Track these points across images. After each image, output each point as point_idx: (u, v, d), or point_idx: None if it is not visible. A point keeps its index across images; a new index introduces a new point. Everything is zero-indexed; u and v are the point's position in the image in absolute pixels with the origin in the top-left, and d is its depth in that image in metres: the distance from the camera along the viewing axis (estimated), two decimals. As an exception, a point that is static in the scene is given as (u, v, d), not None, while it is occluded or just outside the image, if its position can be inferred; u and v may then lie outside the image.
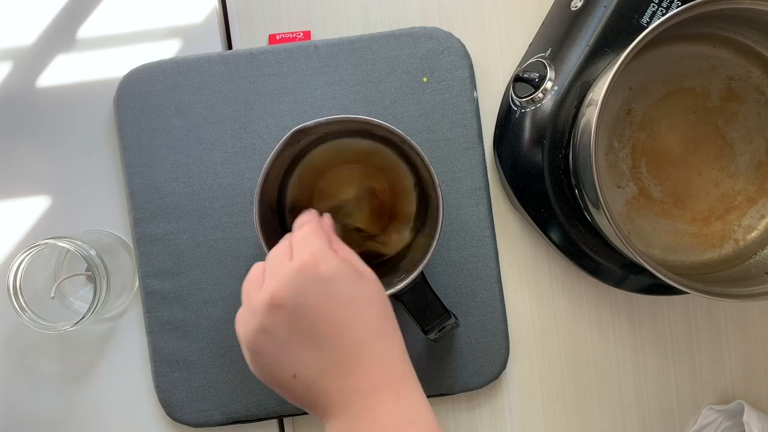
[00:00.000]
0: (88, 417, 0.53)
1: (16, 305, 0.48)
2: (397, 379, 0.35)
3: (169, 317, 0.51)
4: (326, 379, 0.34)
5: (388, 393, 0.34)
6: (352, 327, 0.34)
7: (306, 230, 0.38)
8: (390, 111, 0.52)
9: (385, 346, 0.35)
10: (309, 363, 0.34)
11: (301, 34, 0.53)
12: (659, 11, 0.47)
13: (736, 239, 0.51)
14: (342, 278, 0.35)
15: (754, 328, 0.54)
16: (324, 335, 0.34)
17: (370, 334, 0.35)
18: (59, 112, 0.53)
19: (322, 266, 0.34)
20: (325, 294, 0.34)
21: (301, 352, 0.34)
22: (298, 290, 0.34)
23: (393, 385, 0.34)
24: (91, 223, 0.53)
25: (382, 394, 0.34)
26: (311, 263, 0.34)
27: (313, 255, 0.35)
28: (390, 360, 0.35)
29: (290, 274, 0.34)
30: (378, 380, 0.34)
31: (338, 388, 0.34)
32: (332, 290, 0.34)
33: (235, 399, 0.51)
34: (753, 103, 0.50)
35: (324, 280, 0.34)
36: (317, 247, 0.36)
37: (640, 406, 0.54)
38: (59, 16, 0.53)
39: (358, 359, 0.34)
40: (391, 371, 0.35)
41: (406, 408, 0.34)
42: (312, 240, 0.36)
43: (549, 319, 0.54)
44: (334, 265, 0.35)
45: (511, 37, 0.54)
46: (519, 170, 0.50)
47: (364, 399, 0.33)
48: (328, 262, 0.35)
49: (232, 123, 0.52)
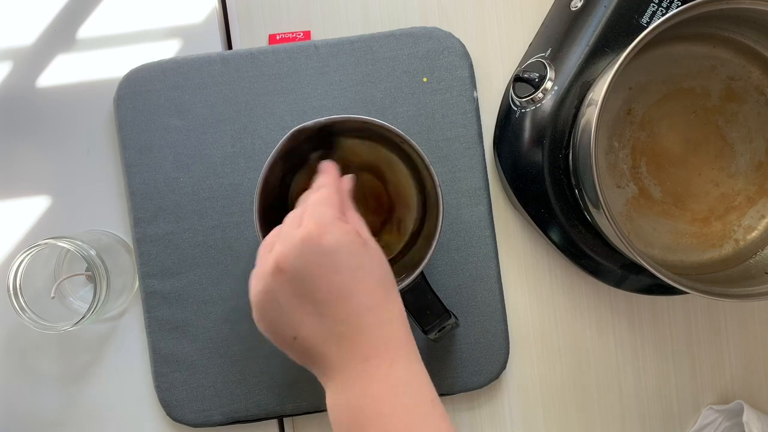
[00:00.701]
0: (88, 417, 0.53)
1: (16, 305, 0.48)
2: (396, 346, 0.36)
3: (169, 317, 0.51)
4: (325, 344, 0.35)
5: (384, 359, 0.35)
6: (352, 296, 0.35)
7: (318, 196, 0.39)
8: (390, 111, 0.52)
9: (384, 316, 0.36)
10: (309, 327, 0.35)
11: (301, 34, 0.53)
12: (659, 11, 0.47)
13: (736, 239, 0.51)
14: (345, 248, 0.36)
15: (754, 328, 0.54)
16: (323, 303, 0.35)
17: (369, 304, 0.36)
18: (59, 112, 0.53)
19: (326, 236, 0.35)
20: (326, 263, 0.35)
21: (301, 317, 0.35)
22: (300, 258, 0.35)
23: (390, 352, 0.35)
24: (91, 223, 0.53)
25: (377, 360, 0.35)
26: (316, 233, 0.35)
27: (318, 224, 0.36)
28: (388, 329, 0.36)
29: (295, 242, 0.35)
30: (375, 348, 0.35)
31: (336, 353, 0.35)
32: (334, 260, 0.35)
33: (235, 399, 0.51)
34: (753, 103, 0.50)
35: (327, 250, 0.35)
36: (325, 216, 0.36)
37: (640, 407, 0.54)
38: (59, 16, 0.53)
39: (356, 327, 0.35)
40: (389, 340, 0.36)
41: (400, 372, 0.35)
42: (321, 208, 0.37)
43: (549, 319, 0.54)
44: (339, 236, 0.36)
45: (511, 37, 0.54)
46: (519, 170, 0.50)
47: (360, 364, 0.35)
48: (333, 232, 0.36)
49: (232, 123, 0.52)
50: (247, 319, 0.37)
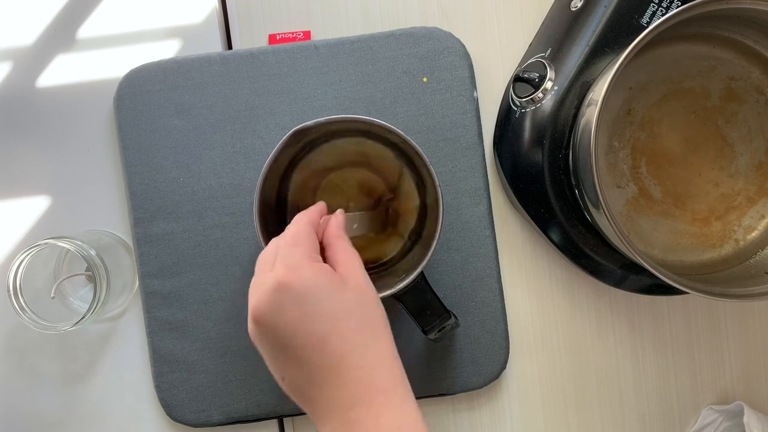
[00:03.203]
0: (88, 417, 0.53)
1: (16, 305, 0.48)
2: (380, 392, 0.34)
3: (169, 317, 0.51)
4: (309, 390, 0.34)
5: (369, 408, 0.33)
6: (329, 340, 0.34)
7: (288, 237, 0.37)
8: (390, 111, 0.52)
9: (367, 359, 0.34)
10: (291, 374, 0.35)
11: (301, 34, 0.53)
12: (659, 11, 0.47)
13: (736, 239, 0.51)
14: (317, 292, 0.34)
15: (754, 328, 0.54)
16: (302, 349, 0.34)
17: (349, 347, 0.34)
18: (59, 112, 0.53)
19: (296, 281, 0.34)
20: (300, 310, 0.34)
21: (283, 363, 0.35)
22: (274, 308, 0.34)
23: (377, 399, 0.33)
24: (91, 223, 0.53)
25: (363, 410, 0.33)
26: (286, 279, 0.34)
27: (288, 269, 0.34)
28: (371, 373, 0.34)
29: (266, 290, 0.34)
30: (358, 394, 0.33)
31: (321, 400, 0.34)
32: (307, 305, 0.34)
33: (235, 399, 0.51)
34: (753, 103, 0.50)
35: (299, 296, 0.34)
36: (294, 259, 0.35)
37: (640, 406, 0.54)
38: (59, 16, 0.53)
39: (335, 373, 0.34)
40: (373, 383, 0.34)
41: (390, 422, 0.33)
42: (290, 250, 0.36)
43: (549, 319, 0.54)
44: (309, 278, 0.34)
45: (511, 37, 0.54)
46: (519, 170, 0.50)
47: (345, 415, 0.33)
48: (302, 275, 0.34)
49: (232, 123, 0.52)
50: (247, 319, 0.37)
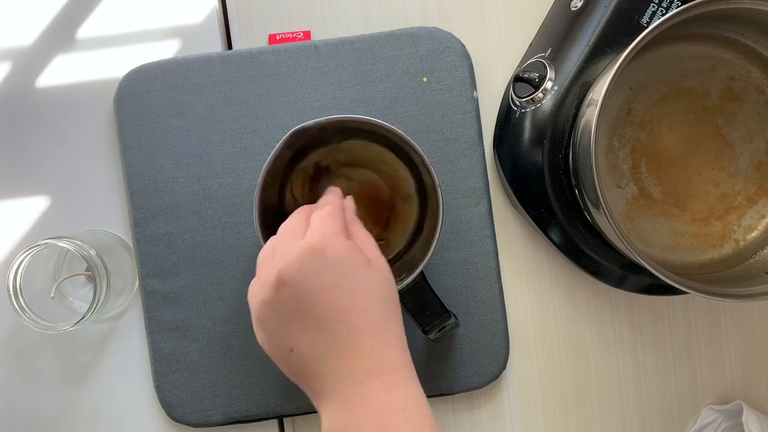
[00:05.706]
0: (88, 417, 0.53)
1: (16, 305, 0.48)
2: (392, 370, 0.35)
3: (169, 317, 0.51)
4: (321, 361, 0.35)
5: (381, 382, 0.34)
6: (350, 314, 0.35)
7: (325, 211, 0.38)
8: (390, 111, 0.52)
9: (383, 337, 0.35)
10: (305, 341, 0.35)
11: (301, 34, 0.53)
12: (659, 11, 0.47)
13: (736, 239, 0.51)
14: (348, 264, 0.35)
15: (754, 328, 0.54)
16: (321, 318, 0.34)
17: (367, 324, 0.35)
18: (59, 112, 0.53)
19: (330, 250, 0.35)
20: (328, 278, 0.35)
21: (299, 330, 0.35)
22: (303, 271, 0.34)
23: (387, 375, 0.34)
24: (91, 223, 0.53)
25: (375, 383, 0.34)
26: (320, 245, 0.35)
27: (323, 237, 0.35)
28: (386, 350, 0.35)
29: (299, 253, 0.35)
30: (371, 369, 0.34)
31: (331, 371, 0.34)
32: (336, 275, 0.35)
33: (235, 399, 0.51)
34: (753, 103, 0.50)
35: (330, 264, 0.35)
36: (330, 229, 0.36)
37: (640, 406, 0.54)
38: (59, 16, 0.53)
39: (352, 347, 0.34)
40: (386, 362, 0.35)
41: (398, 397, 0.34)
42: (327, 222, 0.37)
43: (549, 319, 0.54)
44: (343, 250, 0.35)
45: (511, 37, 0.54)
46: (519, 170, 0.50)
47: (356, 386, 0.34)
48: (337, 246, 0.35)
49: (232, 123, 0.52)
50: (247, 319, 0.37)
